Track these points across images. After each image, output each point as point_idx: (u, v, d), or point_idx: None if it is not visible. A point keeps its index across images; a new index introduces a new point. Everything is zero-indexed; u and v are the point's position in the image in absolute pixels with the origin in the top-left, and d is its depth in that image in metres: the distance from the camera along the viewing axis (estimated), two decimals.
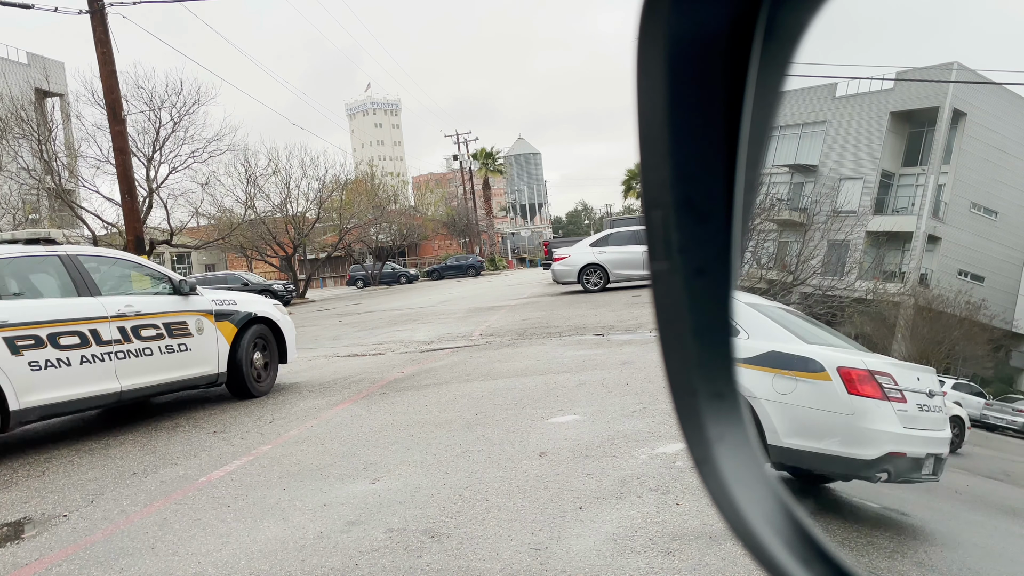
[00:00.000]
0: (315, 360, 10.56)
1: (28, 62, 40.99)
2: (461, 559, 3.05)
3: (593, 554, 2.97)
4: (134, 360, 6.52)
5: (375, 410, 6.43)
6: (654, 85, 0.46)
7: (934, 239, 21.38)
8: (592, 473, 4.05)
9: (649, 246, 0.50)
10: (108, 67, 15.95)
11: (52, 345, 5.87)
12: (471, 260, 51.37)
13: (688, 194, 0.48)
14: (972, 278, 18.92)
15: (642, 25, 0.45)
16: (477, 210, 64.31)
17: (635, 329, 10.37)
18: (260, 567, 3.17)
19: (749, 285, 4.96)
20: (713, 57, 0.45)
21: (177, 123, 24.02)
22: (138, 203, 17.68)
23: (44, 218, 29.17)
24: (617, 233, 18.49)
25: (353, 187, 45.13)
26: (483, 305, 18.43)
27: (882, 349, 5.64)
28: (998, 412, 9.18)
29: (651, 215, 0.49)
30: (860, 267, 7.03)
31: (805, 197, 9.12)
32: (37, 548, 3.71)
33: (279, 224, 36.23)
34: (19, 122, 23.80)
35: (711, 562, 2.79)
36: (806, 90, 17.56)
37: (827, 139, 21.40)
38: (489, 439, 5.03)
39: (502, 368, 8.10)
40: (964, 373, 7.61)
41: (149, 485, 4.71)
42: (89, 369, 6.11)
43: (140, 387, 6.60)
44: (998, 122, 19.98)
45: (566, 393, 6.35)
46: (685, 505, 3.42)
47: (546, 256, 29.64)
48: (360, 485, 4.26)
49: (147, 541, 3.64)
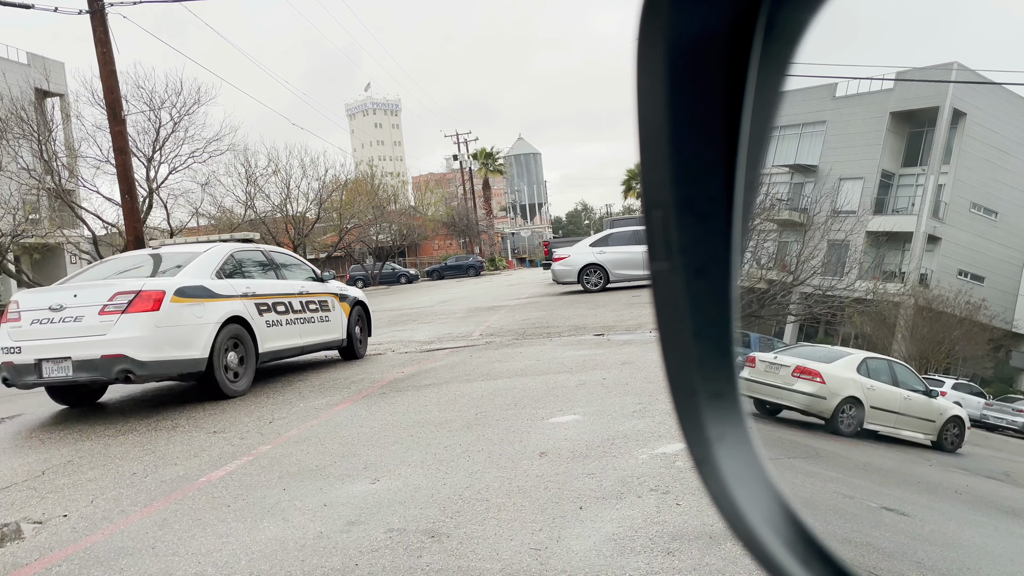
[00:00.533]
0: (315, 360, 10.56)
1: (28, 62, 40.96)
2: (461, 559, 3.05)
3: (593, 554, 2.97)
4: (307, 325, 8.99)
5: (375, 410, 6.43)
6: (654, 85, 0.46)
7: (934, 239, 21.33)
8: (592, 473, 4.05)
9: (649, 246, 0.50)
10: (108, 67, 15.94)
11: (274, 311, 8.35)
12: (471, 260, 51.37)
13: (688, 194, 0.48)
14: (972, 278, 18.85)
15: (642, 25, 0.45)
16: (477, 210, 64.32)
17: (635, 329, 10.37)
18: (260, 567, 3.17)
19: (749, 285, 4.96)
20: (713, 57, 0.45)
21: (177, 123, 24.06)
22: (138, 203, 17.68)
23: (44, 218, 29.19)
24: (617, 233, 18.49)
25: (353, 187, 45.17)
26: (483, 305, 18.43)
27: (882, 349, 5.62)
28: (998, 412, 9.14)
29: (651, 215, 0.49)
30: (860, 267, 7.02)
31: (805, 197, 9.06)
32: (37, 548, 3.71)
33: (279, 224, 36.28)
34: (19, 122, 23.81)
35: (711, 562, 2.79)
36: (806, 90, 17.51)
37: (827, 139, 21.32)
38: (489, 439, 5.03)
39: (502, 368, 8.10)
40: (964, 373, 7.59)
41: (149, 485, 4.71)
42: (290, 329, 8.64)
43: (309, 344, 9.09)
44: (998, 122, 19.93)
45: (566, 393, 6.35)
46: (685, 505, 3.42)
47: (546, 256, 29.64)
48: (360, 485, 4.26)
49: (147, 541, 3.64)
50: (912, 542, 2.96)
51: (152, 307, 6.90)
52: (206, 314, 7.34)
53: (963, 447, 4.13)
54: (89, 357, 6.77)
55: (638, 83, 0.47)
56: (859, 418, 3.97)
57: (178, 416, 7.06)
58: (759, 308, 5.77)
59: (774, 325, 6.45)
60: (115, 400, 8.51)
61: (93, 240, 25.41)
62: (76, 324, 6.88)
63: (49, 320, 6.97)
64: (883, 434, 4.02)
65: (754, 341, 5.48)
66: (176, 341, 7.04)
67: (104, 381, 7.23)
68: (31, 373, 6.97)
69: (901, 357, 5.51)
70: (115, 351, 6.74)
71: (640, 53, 0.46)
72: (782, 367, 4.15)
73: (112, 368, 6.76)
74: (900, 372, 4.38)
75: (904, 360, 5.22)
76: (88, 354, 6.77)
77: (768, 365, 4.29)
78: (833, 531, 3.08)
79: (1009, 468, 4.79)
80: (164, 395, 8.47)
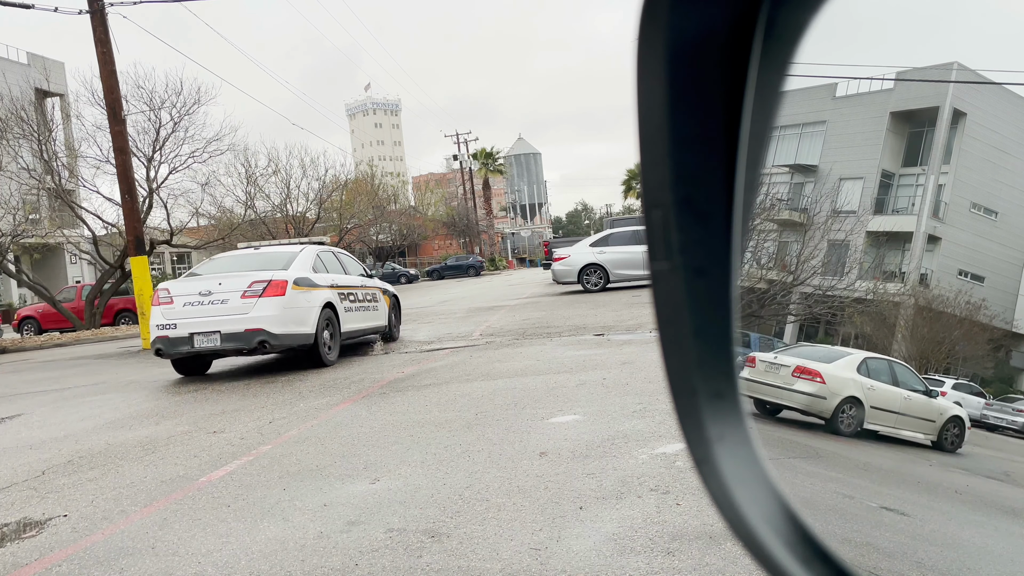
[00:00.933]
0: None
1: (28, 62, 40.99)
2: (461, 559, 3.05)
3: (593, 554, 2.97)
4: (366, 312, 10.92)
5: (375, 410, 6.43)
6: (654, 85, 0.46)
7: (934, 239, 21.34)
8: (592, 473, 4.05)
9: (649, 246, 0.50)
10: (108, 67, 15.94)
11: (348, 300, 10.24)
12: (471, 260, 51.36)
13: (688, 194, 0.48)
14: (972, 278, 18.87)
15: (642, 25, 0.45)
16: (477, 210, 64.31)
17: (635, 329, 10.37)
18: (260, 567, 3.17)
19: (749, 285, 4.96)
20: (713, 57, 0.45)
21: (177, 123, 23.98)
22: (138, 203, 17.67)
23: (44, 218, 29.17)
24: (617, 233, 18.48)
25: (353, 187, 45.16)
26: (483, 305, 18.43)
27: (882, 349, 5.64)
28: (998, 412, 9.15)
29: (651, 215, 0.49)
30: (860, 267, 7.01)
31: (805, 197, 9.06)
32: (37, 548, 3.71)
33: (279, 224, 36.25)
34: (19, 122, 23.77)
35: (711, 562, 2.79)
36: (806, 90, 17.54)
37: (827, 139, 21.35)
38: (489, 439, 5.03)
39: (502, 368, 8.10)
40: (964, 373, 7.59)
41: (149, 485, 4.71)
42: (358, 315, 10.56)
43: (367, 328, 11.06)
44: (998, 122, 19.95)
45: (566, 393, 6.35)
46: (685, 505, 3.42)
47: (546, 256, 29.64)
48: (360, 485, 4.26)
49: (147, 541, 3.64)
50: (912, 542, 2.96)
51: (280, 292, 8.87)
52: (312, 299, 9.27)
53: (963, 447, 4.13)
54: (235, 331, 8.74)
55: (638, 83, 0.47)
56: (859, 418, 3.97)
57: (178, 416, 7.06)
58: (759, 308, 5.77)
59: (774, 325, 6.45)
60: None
61: (93, 240, 25.37)
62: (223, 306, 8.84)
63: (199, 303, 8.91)
64: (883, 434, 4.02)
65: (754, 341, 5.47)
66: (295, 320, 8.99)
67: (245, 350, 9.07)
68: (185, 344, 8.85)
69: (901, 357, 5.50)
70: (256, 326, 8.72)
71: (640, 53, 0.46)
72: (782, 367, 4.15)
73: (253, 339, 8.75)
74: (900, 372, 4.38)
75: (904, 360, 5.22)
76: (234, 328, 8.74)
77: (768, 365, 4.29)
78: (833, 531, 3.07)
79: (1009, 468, 4.79)
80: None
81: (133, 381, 10.26)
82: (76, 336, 21.57)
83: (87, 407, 8.23)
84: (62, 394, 9.62)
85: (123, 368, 12.29)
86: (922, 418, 4.11)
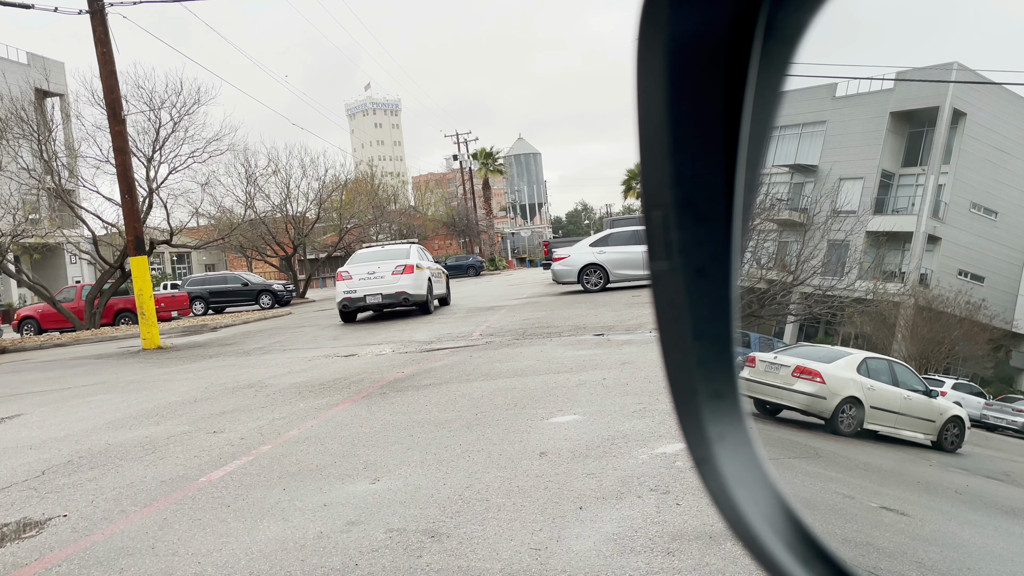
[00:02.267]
0: (315, 360, 10.57)
1: (28, 62, 41.00)
2: (461, 559, 3.05)
3: (593, 554, 2.97)
4: (439, 283, 18.29)
5: (375, 410, 6.43)
6: (654, 85, 0.46)
7: (934, 239, 21.36)
8: (592, 473, 4.05)
9: (649, 246, 0.50)
10: (108, 67, 15.93)
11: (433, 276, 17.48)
12: (471, 260, 51.36)
13: (688, 194, 0.48)
14: (972, 278, 18.88)
15: (642, 25, 0.45)
16: (477, 210, 64.31)
17: (635, 329, 10.37)
18: (260, 567, 3.17)
19: (749, 285, 4.95)
20: (713, 57, 0.45)
21: (177, 123, 23.95)
22: (138, 203, 17.67)
23: (44, 218, 29.17)
24: (617, 233, 18.47)
25: (353, 187, 45.16)
26: (483, 305, 18.43)
27: (882, 349, 5.64)
28: (998, 412, 9.14)
29: (651, 215, 0.49)
30: (860, 267, 7.01)
31: (805, 197, 9.07)
32: (37, 548, 3.71)
33: (279, 224, 36.22)
34: (19, 122, 23.75)
35: (711, 562, 2.79)
36: (806, 90, 17.53)
37: (827, 139, 21.37)
38: (489, 439, 5.03)
39: (502, 368, 8.10)
40: (964, 373, 7.58)
41: (149, 485, 4.71)
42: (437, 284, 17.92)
43: (440, 294, 18.32)
44: (998, 122, 19.96)
45: (566, 393, 6.35)
46: (685, 505, 3.42)
47: (546, 256, 29.64)
48: (360, 485, 4.26)
49: (147, 541, 3.64)
50: (912, 542, 2.96)
51: (411, 271, 15.97)
52: (422, 276, 16.33)
53: (963, 447, 4.13)
54: (390, 292, 15.78)
55: (638, 83, 0.47)
56: (859, 418, 3.97)
57: (178, 416, 7.06)
58: (759, 308, 5.77)
59: (774, 325, 6.45)
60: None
61: (93, 240, 25.35)
62: (381, 280, 15.85)
63: (367, 278, 15.91)
64: (883, 434, 4.02)
65: (754, 341, 5.47)
66: (418, 286, 16.08)
67: (393, 305, 16.19)
68: (360, 302, 15.92)
69: (901, 357, 5.50)
70: (401, 289, 15.82)
71: (640, 53, 0.46)
72: (782, 367, 4.15)
73: (399, 297, 15.84)
74: (900, 372, 4.37)
75: (904, 360, 5.22)
76: (390, 291, 15.78)
77: (768, 365, 4.29)
78: (833, 531, 3.08)
79: (1009, 468, 4.79)
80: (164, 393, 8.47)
81: (133, 381, 10.27)
82: (76, 336, 21.56)
83: (87, 407, 8.24)
84: (62, 394, 9.63)
85: (123, 368, 12.30)
86: (922, 418, 4.11)
